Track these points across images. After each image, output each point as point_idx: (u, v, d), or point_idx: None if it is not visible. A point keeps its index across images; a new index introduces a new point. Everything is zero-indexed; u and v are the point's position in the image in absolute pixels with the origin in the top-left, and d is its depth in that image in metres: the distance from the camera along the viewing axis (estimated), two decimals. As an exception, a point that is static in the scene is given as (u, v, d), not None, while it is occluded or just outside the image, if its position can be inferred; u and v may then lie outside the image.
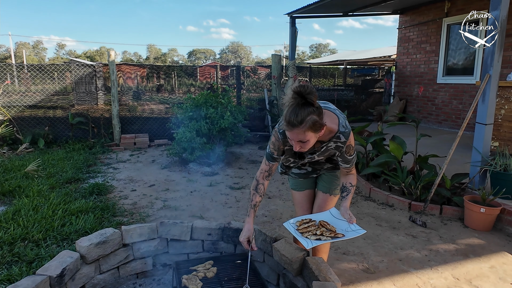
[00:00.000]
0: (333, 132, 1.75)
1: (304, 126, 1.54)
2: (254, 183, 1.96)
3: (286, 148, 1.87)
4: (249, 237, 1.91)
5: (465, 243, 2.96)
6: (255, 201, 1.94)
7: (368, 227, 3.27)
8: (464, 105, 7.29)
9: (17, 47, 61.02)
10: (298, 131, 1.56)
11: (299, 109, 1.53)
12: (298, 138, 1.59)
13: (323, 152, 1.85)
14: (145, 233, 2.32)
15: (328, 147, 1.81)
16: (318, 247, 2.14)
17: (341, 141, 1.77)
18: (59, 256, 2.00)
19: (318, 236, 1.74)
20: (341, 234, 1.74)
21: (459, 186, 3.72)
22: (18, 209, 3.42)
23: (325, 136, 1.76)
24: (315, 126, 1.56)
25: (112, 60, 6.69)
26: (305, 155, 1.90)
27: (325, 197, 2.10)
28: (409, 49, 8.71)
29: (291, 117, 1.54)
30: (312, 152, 1.87)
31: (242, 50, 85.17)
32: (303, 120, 1.53)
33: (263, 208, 3.75)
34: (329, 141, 1.79)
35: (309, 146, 1.64)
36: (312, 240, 1.72)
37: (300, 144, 1.63)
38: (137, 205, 3.80)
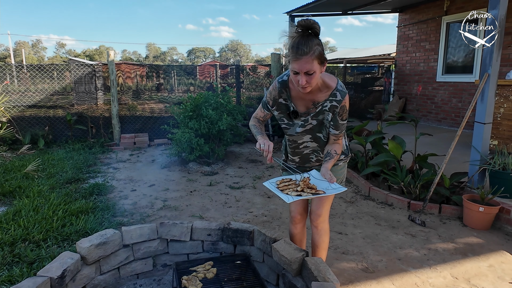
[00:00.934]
0: (330, 88, 1.79)
1: (313, 54, 1.58)
2: (254, 121, 2.03)
3: (280, 101, 1.89)
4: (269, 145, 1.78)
5: (464, 242, 2.97)
6: (260, 128, 1.98)
7: (367, 226, 3.29)
8: (463, 104, 7.30)
9: (16, 46, 60.95)
10: (306, 59, 1.58)
11: (307, 39, 1.59)
12: (306, 69, 1.60)
13: (317, 114, 1.85)
14: (145, 233, 2.33)
15: (324, 107, 1.83)
16: (318, 243, 2.16)
17: (337, 100, 1.79)
18: (60, 257, 2.01)
19: (299, 193, 1.72)
20: (322, 191, 1.72)
21: (458, 185, 3.73)
22: (18, 210, 3.43)
23: (322, 94, 1.80)
24: (322, 56, 1.62)
25: (112, 60, 6.69)
26: (298, 112, 1.88)
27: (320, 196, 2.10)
28: (409, 47, 8.71)
29: (299, 45, 1.58)
30: (306, 113, 1.88)
31: (242, 49, 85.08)
32: (311, 48, 1.57)
33: (262, 207, 3.76)
34: (324, 101, 1.81)
35: (313, 81, 1.66)
36: (292, 195, 1.69)
37: (306, 78, 1.63)
38: (137, 205, 3.81)
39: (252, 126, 2.01)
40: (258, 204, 3.87)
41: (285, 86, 1.87)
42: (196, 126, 4.99)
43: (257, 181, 4.70)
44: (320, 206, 2.11)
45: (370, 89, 9.83)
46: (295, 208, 2.23)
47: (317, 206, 2.12)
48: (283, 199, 1.66)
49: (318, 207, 2.12)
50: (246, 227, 2.35)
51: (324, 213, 2.14)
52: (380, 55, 13.31)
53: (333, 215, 3.56)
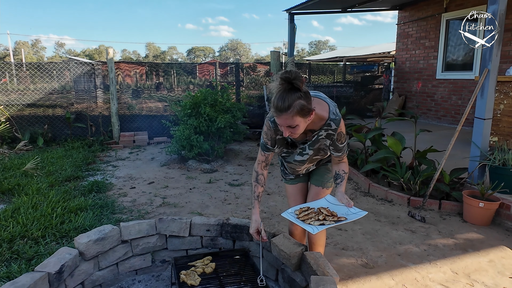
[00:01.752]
0: (323, 119, 1.76)
1: (292, 111, 1.55)
2: (254, 175, 1.99)
3: (278, 137, 1.88)
4: (258, 228, 1.92)
5: (464, 238, 2.96)
6: (258, 192, 1.97)
7: (367, 223, 3.28)
8: (463, 101, 7.29)
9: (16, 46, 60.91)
10: (286, 116, 1.57)
11: (286, 94, 1.55)
12: (287, 124, 1.60)
13: (314, 142, 1.85)
14: (144, 229, 2.32)
15: (319, 136, 1.82)
16: (315, 240, 2.15)
17: (332, 129, 1.78)
18: (58, 252, 2.00)
19: (321, 221, 1.70)
20: (344, 218, 1.71)
21: (458, 181, 3.72)
22: (17, 207, 3.42)
23: (316, 124, 1.78)
24: (303, 110, 1.57)
25: (111, 58, 6.67)
26: (297, 144, 1.91)
27: (317, 190, 2.10)
28: (408, 45, 8.69)
29: (278, 103, 1.56)
30: (303, 142, 1.88)
31: (241, 48, 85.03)
32: (290, 105, 1.54)
33: (262, 204, 3.75)
34: (320, 130, 1.80)
35: (299, 131, 1.65)
36: (316, 225, 1.68)
37: (290, 130, 1.64)
38: (136, 202, 3.80)
39: (251, 185, 2.02)
40: (258, 201, 3.86)
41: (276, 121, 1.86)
42: (195, 123, 4.97)
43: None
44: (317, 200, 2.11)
45: (370, 87, 9.82)
46: (292, 203, 2.22)
47: (314, 200, 2.11)
48: (309, 231, 1.65)
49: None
50: (245, 223, 2.34)
51: None
52: (380, 53, 13.29)
53: (333, 211, 3.55)
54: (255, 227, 1.93)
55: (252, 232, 1.93)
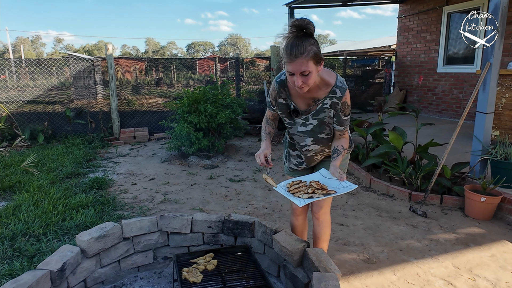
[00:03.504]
0: (330, 85, 1.75)
1: (307, 55, 1.54)
2: (265, 120, 2.04)
3: (280, 101, 1.88)
4: (266, 154, 1.85)
5: (466, 232, 2.96)
6: (269, 130, 2.00)
7: (368, 218, 3.27)
8: (464, 95, 7.25)
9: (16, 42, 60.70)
10: (301, 61, 1.55)
11: (301, 40, 1.55)
12: (301, 70, 1.57)
13: (318, 112, 1.82)
14: (145, 226, 2.32)
15: (324, 105, 1.79)
16: (320, 235, 2.15)
17: (337, 96, 1.75)
18: (60, 250, 2.00)
19: (310, 194, 1.70)
20: (333, 191, 1.71)
21: (460, 176, 3.72)
22: (18, 205, 3.43)
23: (321, 91, 1.77)
24: (317, 56, 1.58)
25: (110, 54, 6.64)
26: (299, 111, 1.86)
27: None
28: (409, 38, 8.63)
29: (292, 48, 1.54)
30: (306, 111, 1.85)
31: (241, 42, 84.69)
32: (305, 49, 1.54)
33: (263, 200, 3.75)
34: (324, 98, 1.78)
35: (310, 81, 1.63)
36: (304, 198, 1.68)
37: (302, 79, 1.60)
38: (137, 199, 3.80)
39: (262, 129, 2.04)
40: (259, 196, 3.86)
41: (284, 86, 1.85)
42: (195, 120, 4.96)
43: (258, 174, 4.69)
44: (321, 201, 2.10)
45: (370, 82, 9.78)
46: None
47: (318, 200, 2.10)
48: (296, 203, 1.64)
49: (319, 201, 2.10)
50: (246, 219, 2.33)
51: (326, 204, 2.13)
52: (381, 47, 13.21)
53: (334, 206, 3.55)
54: (263, 151, 1.86)
55: (259, 154, 1.84)
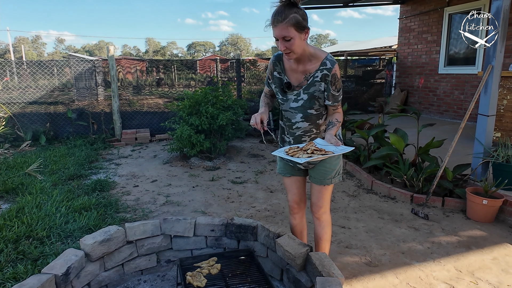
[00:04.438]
0: (320, 58, 1.87)
1: (288, 21, 1.69)
2: (262, 95, 2.15)
3: (275, 75, 2.00)
4: (262, 117, 1.90)
5: (468, 235, 2.97)
6: (267, 101, 2.10)
7: (370, 220, 3.28)
8: (465, 96, 7.26)
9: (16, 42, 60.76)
10: (281, 26, 1.70)
11: (284, 7, 1.71)
12: (282, 34, 1.71)
13: (309, 85, 1.90)
14: (149, 230, 2.33)
15: (315, 78, 1.88)
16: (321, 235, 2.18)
17: (327, 68, 1.85)
18: (64, 254, 2.01)
19: (309, 154, 1.73)
20: (331, 152, 1.73)
21: (461, 178, 3.72)
22: (21, 207, 3.44)
23: (312, 64, 1.88)
24: (298, 24, 1.71)
25: (111, 55, 6.65)
26: (291, 85, 1.94)
27: (319, 188, 2.10)
28: (410, 39, 8.64)
29: (275, 14, 1.72)
30: (298, 86, 1.94)
31: (242, 42, 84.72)
32: (286, 16, 1.69)
33: (265, 202, 3.76)
34: (315, 72, 1.87)
35: (294, 47, 1.75)
36: (304, 157, 1.71)
37: (285, 44, 1.74)
38: (139, 201, 3.81)
39: (261, 101, 2.12)
40: (261, 198, 3.87)
41: (279, 59, 1.98)
42: (197, 122, 4.97)
43: (259, 175, 4.70)
44: (321, 197, 2.12)
45: (371, 82, 9.76)
46: (292, 197, 2.25)
47: (317, 197, 2.12)
48: (295, 161, 1.66)
49: (318, 198, 2.12)
50: (249, 223, 2.35)
51: (325, 204, 2.15)
52: (382, 47, 13.22)
53: (336, 209, 3.56)
54: (260, 114, 1.91)
55: (256, 115, 1.89)
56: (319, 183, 2.08)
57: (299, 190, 2.24)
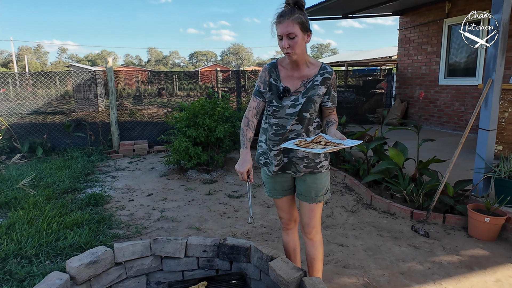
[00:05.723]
0: (317, 65, 1.92)
1: (294, 19, 1.74)
2: (245, 121, 2.00)
3: (271, 81, 1.95)
4: (248, 168, 1.90)
5: (469, 254, 2.87)
6: (249, 135, 1.99)
7: (369, 238, 3.19)
8: (466, 107, 7.19)
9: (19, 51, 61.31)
10: (287, 22, 1.73)
11: (290, 8, 1.77)
12: (287, 31, 1.74)
13: (309, 89, 1.89)
14: (138, 250, 2.25)
15: (315, 82, 1.89)
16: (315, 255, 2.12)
17: (328, 71, 1.90)
18: (48, 278, 1.93)
19: (323, 146, 1.68)
20: (342, 144, 1.67)
21: (463, 193, 3.64)
22: (12, 223, 3.37)
23: (311, 70, 1.90)
24: (304, 23, 1.76)
25: (110, 67, 6.64)
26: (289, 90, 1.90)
27: (311, 207, 2.03)
28: (410, 50, 8.62)
29: (282, 12, 1.77)
30: (296, 92, 1.91)
31: (243, 52, 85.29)
32: (293, 14, 1.74)
33: (262, 218, 3.68)
34: (315, 76, 1.89)
35: (296, 47, 1.77)
36: (319, 148, 1.66)
37: (289, 42, 1.76)
38: (133, 216, 3.73)
39: (241, 130, 2.00)
40: (257, 214, 3.79)
41: (275, 67, 1.97)
42: (194, 134, 4.91)
43: (257, 189, 4.62)
44: (313, 217, 2.06)
45: (371, 92, 9.70)
46: (285, 215, 2.19)
47: (309, 217, 2.06)
48: (313, 151, 1.63)
49: (311, 218, 2.06)
50: (242, 243, 2.26)
51: (318, 223, 2.09)
52: (382, 58, 13.23)
53: (334, 225, 3.47)
54: (246, 166, 1.89)
55: (243, 170, 1.88)
56: (311, 201, 2.02)
57: (291, 208, 2.18)
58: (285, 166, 2.00)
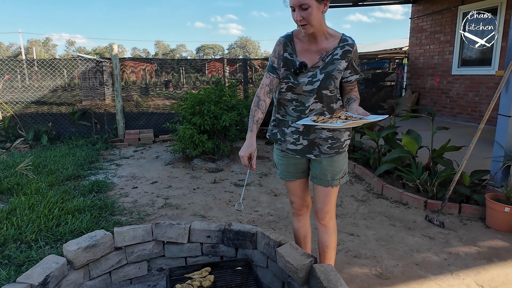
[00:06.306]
0: (337, 36, 1.75)
1: None
2: (256, 100, 1.82)
3: (286, 56, 1.78)
4: (250, 153, 1.72)
5: (488, 246, 2.72)
6: (258, 117, 1.81)
7: (381, 227, 3.06)
8: (480, 97, 6.96)
9: (29, 44, 61.71)
10: None
11: None
12: (299, 1, 1.59)
13: (327, 64, 1.73)
14: (139, 235, 2.15)
15: (334, 56, 1.73)
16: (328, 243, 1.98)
17: (349, 44, 1.73)
18: (44, 261, 1.84)
19: (344, 120, 1.55)
20: (364, 119, 1.54)
21: (479, 183, 3.47)
22: (13, 208, 3.29)
23: (330, 42, 1.74)
24: None
25: (115, 54, 6.53)
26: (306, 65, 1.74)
27: (327, 191, 1.89)
28: (422, 39, 8.37)
29: None
30: (313, 67, 1.75)
31: (251, 45, 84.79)
32: None
33: (268, 206, 3.56)
34: (334, 49, 1.73)
35: (312, 19, 1.61)
36: (339, 122, 1.53)
37: (302, 13, 1.60)
38: (137, 203, 3.64)
39: (251, 111, 1.82)
40: (264, 202, 3.67)
41: (290, 39, 1.79)
42: (199, 121, 4.79)
43: (264, 178, 4.50)
44: (328, 201, 1.91)
45: (381, 84, 9.49)
46: (297, 200, 2.04)
47: (324, 202, 1.91)
48: (333, 126, 1.50)
49: (325, 203, 1.91)
50: (248, 229, 2.15)
51: (332, 208, 1.95)
52: (391, 49, 12.94)
53: (344, 214, 3.34)
54: (248, 151, 1.72)
55: (243, 155, 1.71)
56: (327, 184, 1.87)
57: (303, 192, 2.04)
58: (304, 150, 1.85)
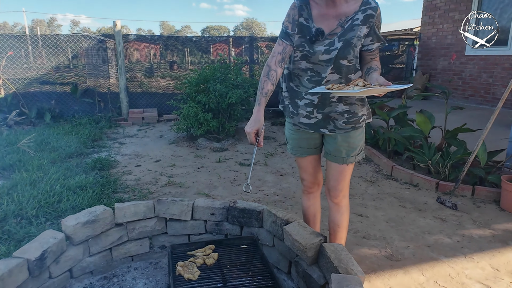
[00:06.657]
0: (358, 0, 1.57)
1: None
2: (266, 69, 1.65)
3: (301, 22, 1.62)
4: (258, 129, 1.58)
5: (503, 229, 2.61)
6: (267, 89, 1.63)
7: (390, 209, 2.95)
8: (495, 79, 6.72)
9: (33, 24, 61.20)
10: None
11: None
12: None
13: (347, 31, 1.57)
14: (141, 211, 2.07)
15: (354, 21, 1.57)
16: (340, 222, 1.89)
17: (372, 7, 1.56)
18: (41, 236, 1.77)
19: (361, 86, 1.42)
20: (385, 87, 1.41)
21: (494, 165, 3.33)
22: (15, 184, 3.23)
23: (350, 7, 1.57)
24: None
25: (118, 30, 6.36)
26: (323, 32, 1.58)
27: (341, 168, 1.78)
28: (435, 18, 8.05)
29: None
30: (331, 34, 1.59)
31: (257, 27, 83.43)
32: None
33: (274, 186, 3.47)
34: (355, 14, 1.57)
35: None
36: (356, 89, 1.41)
37: None
38: (140, 181, 3.56)
39: (260, 82, 1.65)
40: (270, 182, 3.57)
41: (306, 3, 1.63)
42: (204, 99, 4.66)
43: (269, 158, 4.39)
44: (342, 179, 1.80)
45: (390, 67, 9.23)
46: (308, 177, 1.93)
47: (338, 180, 1.81)
48: (349, 93, 1.38)
49: (339, 181, 1.81)
50: (254, 207, 2.05)
51: (346, 186, 1.84)
52: (401, 30, 12.55)
53: (352, 195, 3.23)
54: (255, 126, 1.57)
55: (250, 131, 1.56)
56: (342, 161, 1.76)
57: (315, 169, 1.93)
58: (319, 124, 1.72)
